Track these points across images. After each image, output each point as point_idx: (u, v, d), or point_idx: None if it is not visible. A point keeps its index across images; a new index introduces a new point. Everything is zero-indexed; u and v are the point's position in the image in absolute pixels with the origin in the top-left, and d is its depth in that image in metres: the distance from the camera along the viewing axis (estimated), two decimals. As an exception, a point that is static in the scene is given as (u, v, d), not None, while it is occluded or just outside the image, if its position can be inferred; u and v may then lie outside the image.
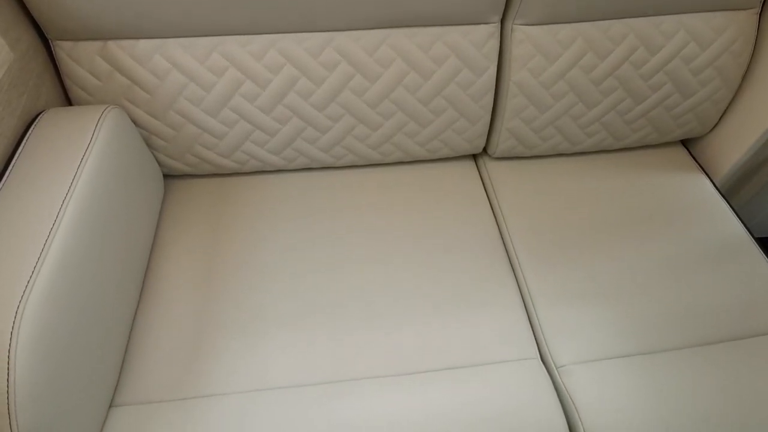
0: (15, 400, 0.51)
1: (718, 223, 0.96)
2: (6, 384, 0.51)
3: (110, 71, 0.82)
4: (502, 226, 0.95)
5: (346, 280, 0.85)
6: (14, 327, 0.53)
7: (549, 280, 0.86)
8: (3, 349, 0.52)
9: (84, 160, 0.70)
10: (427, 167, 1.04)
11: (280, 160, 0.97)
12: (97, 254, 0.68)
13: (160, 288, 0.83)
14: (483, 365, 0.76)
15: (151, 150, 0.92)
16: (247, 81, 0.86)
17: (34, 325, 0.54)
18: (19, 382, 0.51)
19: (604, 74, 0.92)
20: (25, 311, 0.54)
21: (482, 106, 0.95)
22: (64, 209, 0.64)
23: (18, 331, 0.53)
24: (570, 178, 1.02)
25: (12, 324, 0.53)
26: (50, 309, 0.57)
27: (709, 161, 1.08)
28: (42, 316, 0.55)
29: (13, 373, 0.51)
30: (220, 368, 0.74)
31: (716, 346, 0.79)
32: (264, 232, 0.91)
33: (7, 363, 0.51)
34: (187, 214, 0.94)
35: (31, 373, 0.53)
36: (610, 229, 0.94)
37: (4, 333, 0.52)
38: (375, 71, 0.87)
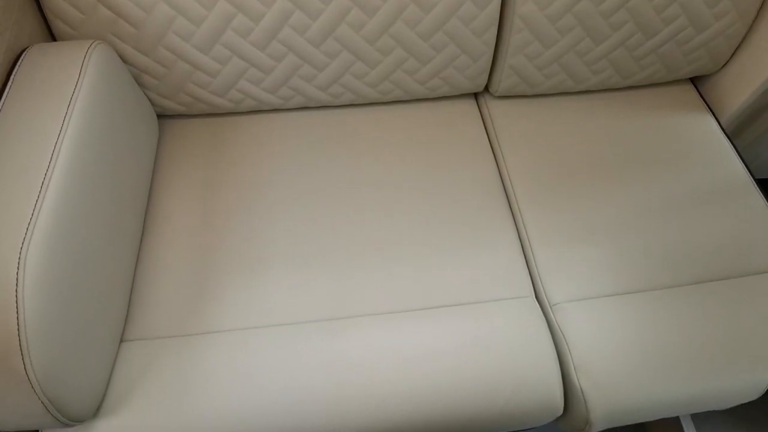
0: (26, 337, 0.53)
1: (720, 164, 0.95)
2: (16, 322, 0.52)
3: (93, 3, 0.78)
4: (502, 166, 0.95)
5: (343, 218, 0.86)
6: (19, 266, 0.54)
7: (547, 220, 0.87)
8: (10, 287, 0.53)
9: (74, 97, 0.68)
10: (426, 106, 1.02)
11: (276, 99, 0.95)
12: (95, 192, 0.68)
13: (162, 227, 0.84)
14: (479, 303, 0.79)
15: (143, 89, 0.89)
16: (239, 14, 0.81)
17: (39, 264, 0.55)
18: (29, 319, 0.53)
19: (614, 6, 0.87)
20: (29, 250, 0.55)
21: (485, 41, 0.91)
22: (59, 147, 0.63)
23: (23, 270, 0.54)
24: (572, 118, 1.00)
25: (17, 263, 0.54)
26: (53, 247, 0.57)
27: (717, 100, 1.05)
28: (46, 255, 0.56)
29: (22, 312, 0.53)
30: (224, 305, 0.77)
31: (710, 284, 0.81)
32: (262, 171, 0.91)
33: (15, 301, 0.53)
34: (183, 154, 0.93)
35: (41, 310, 0.54)
36: (610, 169, 0.93)
37: (10, 272, 0.53)
38: (373, 4, 0.83)
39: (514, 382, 0.72)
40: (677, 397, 0.73)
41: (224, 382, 0.69)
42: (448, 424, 0.71)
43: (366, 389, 0.70)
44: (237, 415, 0.68)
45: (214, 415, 0.67)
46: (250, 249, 0.82)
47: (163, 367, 0.71)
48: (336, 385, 0.70)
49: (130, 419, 0.67)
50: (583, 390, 0.72)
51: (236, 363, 0.71)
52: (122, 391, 0.69)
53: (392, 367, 0.72)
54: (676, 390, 0.73)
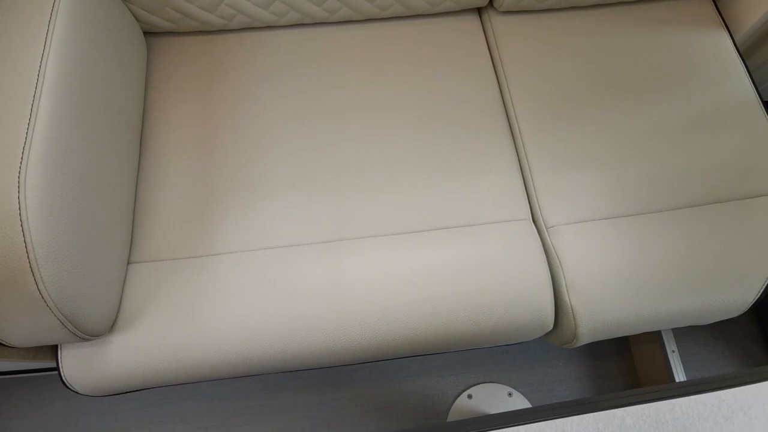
0: (36, 258, 0.54)
1: (730, 83, 0.92)
2: (24, 243, 0.54)
3: None
4: (504, 87, 0.92)
5: (342, 140, 0.85)
6: (20, 190, 0.54)
7: (547, 144, 0.86)
8: (13, 211, 0.53)
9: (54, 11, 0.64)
10: (428, 22, 0.96)
11: (269, 15, 0.90)
12: (87, 111, 0.66)
13: (159, 149, 0.83)
14: (477, 225, 0.80)
15: (126, 3, 0.84)
16: None
17: (39, 186, 0.55)
18: (36, 241, 0.54)
19: None
20: (27, 174, 0.55)
21: (492, -52, 0.84)
22: (44, 68, 0.61)
23: (24, 193, 0.54)
24: (581, 35, 0.95)
25: (17, 187, 0.54)
26: (51, 169, 0.58)
27: (734, 17, 0.99)
28: (44, 177, 0.56)
29: (28, 233, 0.54)
30: (224, 228, 0.78)
31: (705, 207, 0.81)
32: (258, 90, 0.88)
33: (21, 224, 0.53)
34: (175, 74, 0.89)
35: (46, 231, 0.56)
36: (617, 90, 0.90)
37: (11, 196, 0.54)
38: None
39: (509, 300, 0.75)
40: (660, 313, 0.76)
41: (230, 296, 0.73)
42: (444, 337, 0.75)
43: (363, 306, 0.73)
44: (241, 329, 0.71)
45: (221, 326, 0.71)
46: (248, 171, 0.82)
47: (171, 285, 0.73)
48: (335, 301, 0.73)
49: (143, 332, 0.70)
50: (573, 308, 0.76)
51: (238, 282, 0.74)
52: (134, 308, 0.72)
53: (392, 285, 0.74)
54: (662, 306, 0.76)
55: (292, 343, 0.72)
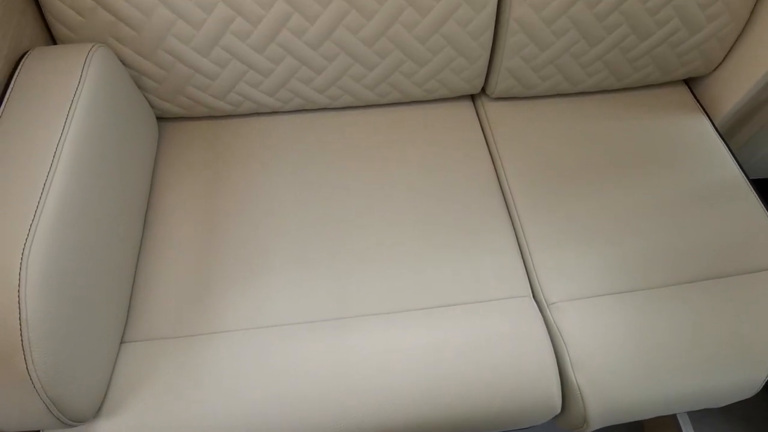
0: (29, 337, 0.53)
1: (715, 164, 0.96)
2: (18, 321, 0.53)
3: (93, 6, 0.79)
4: (499, 167, 0.96)
5: (342, 220, 0.86)
6: (22, 265, 0.54)
7: (544, 221, 0.88)
8: (12, 286, 0.53)
9: (75, 100, 0.68)
10: (424, 108, 1.02)
11: (275, 102, 0.96)
12: (96, 194, 0.68)
13: (162, 228, 0.84)
14: (477, 303, 0.79)
15: (143, 92, 0.90)
16: (238, 17, 0.82)
17: (41, 263, 0.56)
18: (31, 319, 0.53)
19: (609, 9, 0.89)
20: (31, 250, 0.55)
21: (481, 44, 0.92)
22: (61, 148, 0.63)
23: (26, 269, 0.54)
24: (568, 119, 1.01)
25: (20, 262, 0.54)
26: (55, 247, 0.58)
27: (711, 101, 1.06)
28: (48, 254, 0.57)
29: (24, 311, 0.53)
30: (223, 306, 0.77)
31: (705, 283, 0.81)
32: (262, 173, 0.91)
33: (18, 300, 0.53)
34: (183, 156, 0.93)
35: (43, 310, 0.55)
36: (607, 169, 0.94)
37: (13, 271, 0.54)
38: (371, 7, 0.84)
39: (513, 381, 0.72)
40: (672, 395, 0.74)
41: (225, 382, 0.70)
42: (447, 422, 0.72)
43: (366, 388, 0.71)
44: (239, 414, 0.68)
45: (215, 414, 0.68)
46: (249, 250, 0.82)
47: (164, 367, 0.71)
48: (337, 382, 0.71)
49: (130, 419, 0.67)
50: (580, 388, 0.73)
51: (237, 362, 0.71)
52: (123, 392, 0.69)
53: (392, 367, 0.72)
54: (672, 388, 0.73)
55: (290, 427, 0.68)
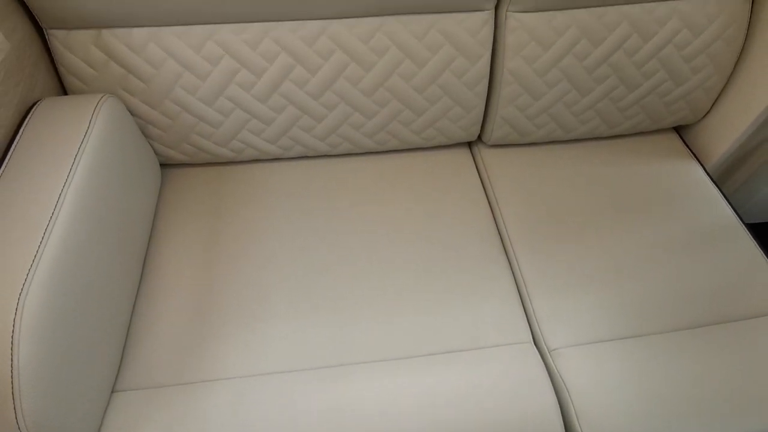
0: (19, 385, 0.52)
1: (709, 209, 0.97)
2: (9, 369, 0.52)
3: (105, 60, 0.82)
4: (497, 212, 0.97)
5: (343, 267, 0.86)
6: (17, 313, 0.54)
7: (542, 266, 0.88)
8: (6, 334, 0.53)
9: (81, 149, 0.70)
10: (422, 155, 1.05)
11: (276, 149, 0.98)
12: (96, 242, 0.69)
13: (160, 274, 0.84)
14: (477, 349, 0.78)
15: (148, 139, 0.92)
16: (243, 69, 0.86)
17: (37, 312, 0.55)
18: (23, 367, 0.53)
19: (597, 61, 0.93)
20: (27, 298, 0.55)
21: (477, 93, 0.95)
22: (63, 197, 0.64)
23: (21, 317, 0.54)
24: (564, 165, 1.03)
25: (15, 310, 0.54)
26: (52, 296, 0.58)
27: (701, 148, 1.09)
28: (44, 303, 0.56)
29: (16, 358, 0.52)
30: (218, 354, 0.76)
31: (706, 329, 0.80)
32: (261, 220, 0.92)
33: (11, 348, 0.52)
34: (184, 202, 0.94)
35: (35, 358, 0.54)
36: (602, 215, 0.95)
37: (7, 319, 0.53)
38: (370, 59, 0.88)
39: (516, 430, 0.70)
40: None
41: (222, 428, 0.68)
42: (449, 475, 0.69)
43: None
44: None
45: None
46: (248, 297, 0.82)
47: (157, 417, 0.69)
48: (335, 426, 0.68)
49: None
50: (585, 438, 0.71)
51: (232, 412, 0.69)
52: (112, 443, 0.67)
53: (392, 416, 0.70)
54: (680, 437, 0.71)
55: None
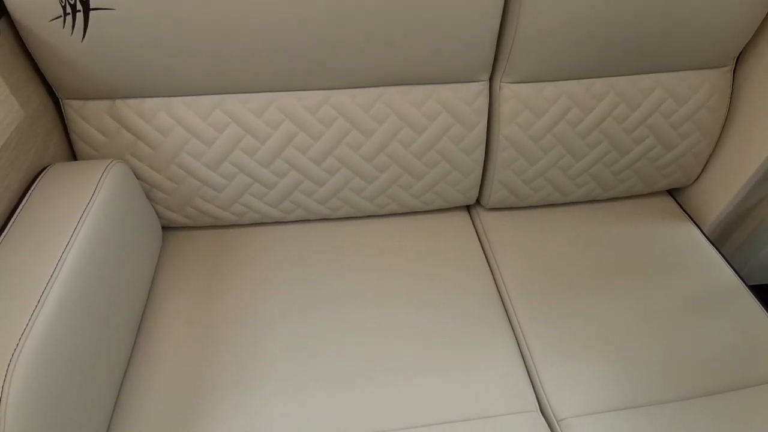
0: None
1: (710, 271, 0.97)
2: (-7, 440, 0.50)
3: (117, 128, 0.86)
4: (498, 277, 0.96)
5: (342, 332, 0.84)
6: (6, 380, 0.52)
7: (546, 332, 0.86)
8: (-8, 403, 0.51)
9: (85, 214, 0.71)
10: (421, 218, 1.06)
11: (277, 213, 0.99)
12: (91, 310, 0.68)
13: (154, 342, 0.82)
14: (483, 419, 0.75)
15: (152, 203, 0.94)
16: (247, 136, 0.89)
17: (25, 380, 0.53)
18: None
19: (589, 128, 0.96)
20: (17, 364, 0.54)
21: (474, 159, 0.98)
22: (62, 264, 0.64)
23: (9, 383, 0.52)
24: (562, 229, 1.04)
25: (3, 378, 0.52)
26: (42, 364, 0.56)
27: (696, 210, 1.10)
28: (34, 371, 0.55)
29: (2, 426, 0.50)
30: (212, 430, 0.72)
31: (714, 397, 0.77)
32: (261, 285, 0.91)
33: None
34: (184, 266, 0.94)
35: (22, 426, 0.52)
36: (604, 278, 0.95)
37: (-5, 387, 0.52)
38: (370, 126, 0.91)
39: None
40: None
41: None
42: None
43: None
44: None
45: None
46: (244, 370, 0.79)
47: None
48: None
49: None
50: None
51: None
52: None
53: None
54: None
55: None
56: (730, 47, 0.93)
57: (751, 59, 0.96)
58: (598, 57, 0.89)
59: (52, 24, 0.73)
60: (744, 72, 0.98)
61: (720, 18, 0.86)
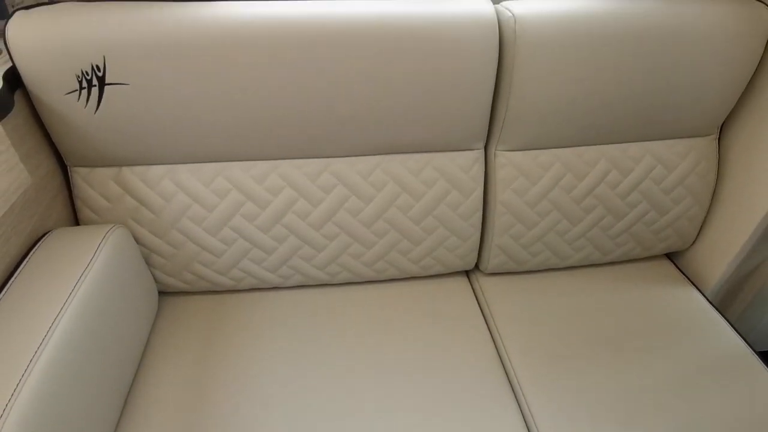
0: None
1: (716, 337, 0.94)
2: None
3: (121, 194, 0.88)
4: (499, 343, 0.94)
5: (340, 402, 0.81)
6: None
7: (550, 400, 0.83)
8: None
9: (81, 280, 0.71)
10: (421, 284, 1.05)
11: (276, 278, 0.99)
12: (80, 377, 0.66)
13: (142, 410, 0.78)
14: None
15: (150, 267, 0.94)
16: (248, 202, 0.91)
17: None
18: None
19: (583, 194, 0.98)
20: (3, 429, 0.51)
21: (472, 224, 0.99)
22: (54, 329, 0.63)
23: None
24: (562, 294, 1.03)
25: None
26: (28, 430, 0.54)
27: (696, 274, 1.10)
28: None
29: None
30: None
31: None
32: (256, 352, 0.89)
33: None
34: (179, 332, 0.92)
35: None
36: (606, 345, 0.92)
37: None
38: (369, 193, 0.93)
39: None
40: None
41: None
42: None
43: None
44: None
45: None
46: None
47: None
48: None
49: None
50: None
51: None
52: None
53: None
54: None
55: None
56: (713, 117, 0.97)
57: (735, 128, 1.00)
58: (588, 127, 0.93)
59: (67, 97, 0.77)
60: (729, 140, 1.02)
61: (702, 91, 0.91)
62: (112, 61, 0.75)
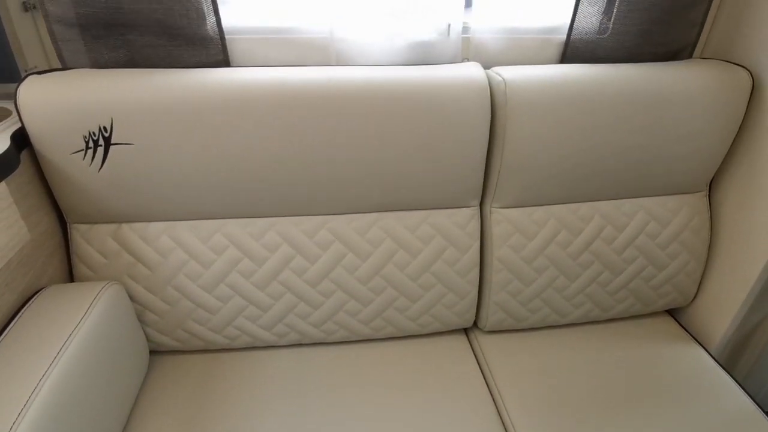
0: None
1: (723, 397, 0.91)
2: None
3: (118, 250, 0.88)
4: (499, 402, 0.91)
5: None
6: None
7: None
8: None
9: (71, 337, 0.69)
10: (418, 342, 1.03)
11: (271, 336, 0.97)
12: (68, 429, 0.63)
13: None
14: None
15: (143, 325, 0.92)
16: (245, 259, 0.91)
17: None
18: None
19: (579, 249, 0.99)
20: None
21: (469, 280, 0.99)
22: (39, 389, 0.62)
23: None
24: (563, 352, 1.01)
25: None
26: None
27: (699, 331, 1.08)
28: None
29: None
30: None
31: None
32: (250, 412, 0.86)
33: None
34: (169, 391, 0.89)
35: None
36: (609, 405, 0.89)
37: None
38: (366, 250, 0.94)
39: None
40: None
41: None
42: None
43: None
44: None
45: None
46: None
47: None
48: None
49: None
50: None
51: None
52: None
53: None
54: None
55: None
56: (701, 174, 1.00)
57: (725, 184, 1.03)
58: (580, 184, 0.95)
59: (73, 156, 0.79)
60: (720, 196, 1.04)
61: (688, 149, 0.94)
62: (119, 122, 0.78)
